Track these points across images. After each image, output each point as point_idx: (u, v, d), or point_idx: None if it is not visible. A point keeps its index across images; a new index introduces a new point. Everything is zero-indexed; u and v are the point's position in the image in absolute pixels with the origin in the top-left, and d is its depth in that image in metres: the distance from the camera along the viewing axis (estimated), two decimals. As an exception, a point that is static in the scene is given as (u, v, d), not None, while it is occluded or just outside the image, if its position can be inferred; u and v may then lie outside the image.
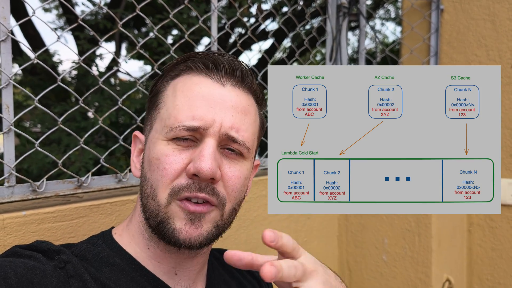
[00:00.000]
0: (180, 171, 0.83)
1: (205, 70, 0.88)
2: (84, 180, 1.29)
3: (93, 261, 0.86)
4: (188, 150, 0.84)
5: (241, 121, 0.87)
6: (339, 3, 2.22)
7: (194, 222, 0.84)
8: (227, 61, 0.89)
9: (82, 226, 1.18)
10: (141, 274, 0.88)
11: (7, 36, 1.11)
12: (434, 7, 2.35)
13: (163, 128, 0.86)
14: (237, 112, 0.87)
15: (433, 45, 2.36)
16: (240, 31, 6.57)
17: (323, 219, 2.11)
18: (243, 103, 0.89)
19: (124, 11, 4.66)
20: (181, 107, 0.85)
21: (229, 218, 0.90)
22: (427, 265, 1.95)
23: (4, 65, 1.11)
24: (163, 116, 0.88)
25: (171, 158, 0.83)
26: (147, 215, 0.87)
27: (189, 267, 0.94)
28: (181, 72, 0.90)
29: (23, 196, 1.16)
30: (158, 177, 0.84)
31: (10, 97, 1.14)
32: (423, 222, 1.96)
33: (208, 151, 0.82)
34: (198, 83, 0.87)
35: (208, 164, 0.80)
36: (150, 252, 0.90)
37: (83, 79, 4.32)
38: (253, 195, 1.71)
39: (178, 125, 0.84)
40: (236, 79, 0.90)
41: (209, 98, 0.85)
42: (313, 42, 2.30)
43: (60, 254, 0.82)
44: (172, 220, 0.84)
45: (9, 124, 1.13)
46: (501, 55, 2.19)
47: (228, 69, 0.89)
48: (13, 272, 0.72)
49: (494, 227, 2.24)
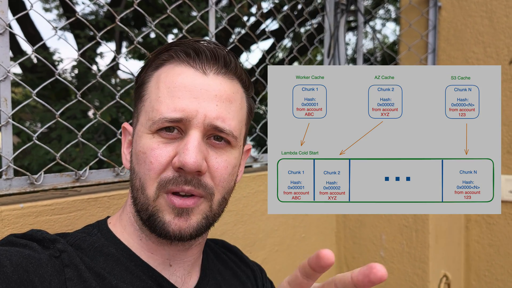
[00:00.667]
0: (166, 164, 0.83)
1: (186, 59, 0.87)
2: (82, 174, 1.29)
3: (88, 250, 0.86)
4: (173, 143, 0.84)
5: (227, 109, 0.87)
6: (337, 0, 2.21)
7: (182, 216, 0.84)
8: (208, 48, 0.87)
9: (79, 219, 1.18)
10: (136, 264, 0.88)
11: (5, 29, 1.11)
12: (432, 4, 2.35)
13: (147, 121, 0.86)
14: (221, 101, 0.86)
15: (431, 42, 2.36)
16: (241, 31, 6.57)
17: (321, 216, 2.11)
18: (227, 91, 0.88)
19: (124, 9, 4.65)
20: (163, 99, 0.84)
21: (218, 208, 0.90)
22: (425, 261, 1.96)
23: (2, 58, 1.12)
24: (147, 109, 0.87)
25: (156, 152, 0.83)
26: (137, 207, 0.87)
27: (183, 258, 0.94)
28: (164, 62, 0.89)
29: (21, 189, 1.16)
30: (145, 170, 0.84)
31: (8, 90, 1.14)
32: (421, 218, 1.97)
33: (193, 144, 0.82)
34: (180, 73, 0.86)
35: (193, 157, 0.80)
36: (143, 243, 0.91)
37: (83, 79, 4.32)
38: (251, 190, 1.72)
39: (159, 117, 0.83)
40: (219, 66, 0.88)
41: (192, 88, 0.84)
42: (312, 40, 2.30)
43: (55, 243, 0.82)
44: (161, 214, 0.84)
45: (7, 117, 1.13)
46: (498, 52, 2.20)
47: (210, 56, 0.87)
48: (8, 260, 0.72)
49: (492, 223, 2.25)
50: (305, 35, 2.21)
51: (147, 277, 0.88)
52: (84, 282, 0.79)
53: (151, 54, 0.93)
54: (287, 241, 1.90)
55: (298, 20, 2.19)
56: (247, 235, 1.71)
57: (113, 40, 5.48)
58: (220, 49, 0.89)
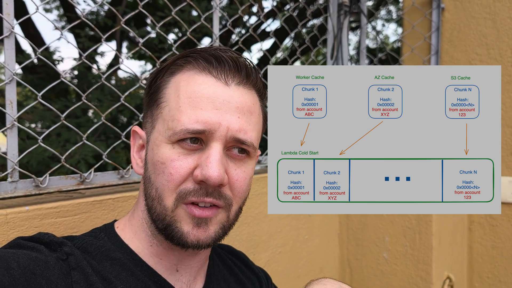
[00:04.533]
0: (187, 176, 0.82)
1: (208, 67, 0.85)
2: (87, 176, 1.29)
3: (94, 254, 0.86)
4: (194, 154, 0.82)
5: (248, 121, 0.85)
6: (340, 2, 2.21)
7: (201, 226, 0.83)
8: (230, 58, 0.85)
9: (84, 222, 1.18)
10: (141, 269, 0.88)
11: (11, 32, 1.12)
12: (435, 5, 2.35)
13: (166, 131, 0.84)
14: (243, 112, 0.84)
15: (434, 43, 2.36)
16: (241, 30, 6.57)
17: (324, 217, 2.11)
18: (248, 102, 0.86)
19: (125, 9, 4.65)
20: (184, 109, 0.82)
21: (235, 217, 0.90)
22: (428, 263, 1.95)
23: (7, 61, 1.12)
24: (165, 117, 0.85)
25: (177, 163, 0.82)
26: (153, 217, 0.86)
27: (191, 263, 0.94)
28: (182, 68, 0.87)
29: (26, 192, 1.16)
30: (163, 181, 0.83)
31: (14, 93, 1.14)
32: (424, 220, 1.96)
33: (215, 157, 0.80)
34: (201, 82, 0.84)
35: (216, 171, 0.79)
36: (153, 249, 0.90)
37: (83, 78, 4.32)
38: (254, 192, 1.72)
39: (181, 128, 0.81)
40: (241, 77, 0.86)
41: (214, 99, 0.82)
42: (314, 41, 2.30)
43: (63, 246, 0.82)
44: (179, 224, 0.83)
45: (12, 119, 1.13)
46: (502, 54, 2.19)
47: (233, 67, 0.85)
48: (16, 263, 0.72)
49: (495, 225, 2.24)
50: (308, 36, 2.21)
51: (152, 283, 0.88)
52: (90, 285, 0.79)
53: (168, 61, 0.91)
54: (290, 243, 1.90)
55: (301, 22, 2.19)
56: (251, 237, 1.71)
57: (113, 39, 5.50)
58: (242, 59, 0.88)
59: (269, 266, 1.76)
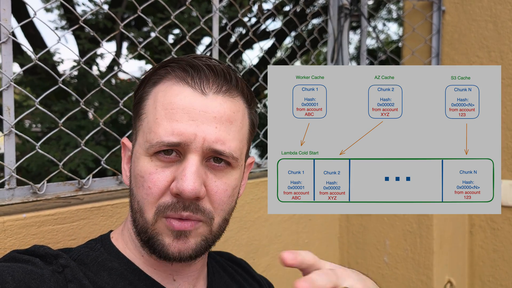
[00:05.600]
0: (165, 189, 0.81)
1: (184, 77, 0.83)
2: (85, 182, 1.29)
3: (91, 265, 0.85)
4: (171, 166, 0.82)
5: (226, 131, 0.83)
6: (340, 4, 2.22)
7: (180, 239, 0.82)
8: (207, 65, 0.84)
9: (83, 228, 1.18)
10: (139, 278, 0.88)
11: (8, 37, 1.12)
12: (435, 8, 2.35)
13: (144, 143, 0.83)
14: (221, 122, 0.83)
15: (434, 46, 2.36)
16: (241, 30, 6.57)
17: (324, 220, 2.11)
18: (227, 111, 0.84)
19: (125, 10, 4.66)
20: (160, 121, 0.81)
21: (219, 229, 0.89)
22: (429, 266, 1.95)
23: (5, 66, 1.12)
24: (144, 129, 0.85)
25: (154, 176, 0.81)
26: (137, 229, 0.86)
27: (187, 273, 0.93)
28: (161, 78, 0.86)
29: (23, 198, 1.16)
30: (143, 195, 0.83)
31: (11, 99, 1.14)
32: (425, 224, 1.96)
33: (190, 169, 0.79)
34: (178, 93, 0.82)
35: (190, 184, 0.78)
36: (145, 259, 0.90)
37: (82, 79, 4.32)
38: (254, 196, 1.71)
39: (157, 140, 0.80)
40: (219, 83, 0.85)
41: (190, 110, 0.81)
42: (314, 42, 2.30)
43: (58, 259, 0.81)
44: (161, 236, 0.83)
45: (9, 126, 1.13)
46: (503, 56, 2.19)
47: (209, 73, 0.84)
48: (10, 276, 0.71)
49: (496, 228, 2.23)
50: (309, 39, 2.21)
51: None
52: None
53: (148, 71, 0.90)
54: (291, 247, 1.89)
55: (301, 24, 2.19)
56: (251, 241, 1.71)
57: (113, 40, 5.50)
58: (219, 65, 0.86)
59: (269, 271, 1.76)
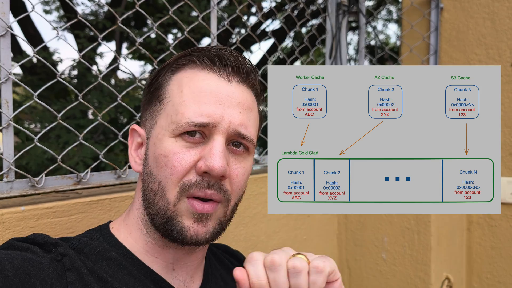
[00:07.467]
0: (190, 168, 0.84)
1: (210, 65, 0.88)
2: (83, 176, 1.29)
3: (90, 254, 0.86)
4: (197, 147, 0.84)
5: (248, 117, 0.88)
6: (338, 1, 2.21)
7: (201, 221, 0.84)
8: (232, 57, 0.89)
9: (81, 222, 1.18)
10: (138, 268, 0.88)
11: (6, 31, 1.11)
12: (433, 5, 2.35)
13: (169, 124, 0.85)
14: (244, 108, 0.87)
15: (432, 43, 2.36)
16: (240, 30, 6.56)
17: (322, 218, 2.11)
18: (248, 99, 0.89)
19: (124, 10, 4.65)
20: (188, 103, 0.85)
21: (231, 213, 0.91)
22: (427, 263, 1.95)
23: (3, 60, 1.11)
24: (169, 112, 0.87)
25: (180, 156, 0.83)
26: (153, 211, 0.87)
27: (187, 262, 0.94)
28: (184, 66, 0.90)
29: (22, 192, 1.16)
30: (167, 174, 0.84)
31: (10, 92, 1.14)
32: (423, 221, 1.96)
33: (219, 148, 0.82)
34: (204, 78, 0.87)
35: (220, 162, 0.81)
36: (148, 248, 0.91)
37: (82, 79, 4.32)
38: (252, 192, 1.71)
39: (185, 121, 0.83)
40: (242, 76, 0.89)
41: (217, 94, 0.85)
42: (313, 40, 2.30)
43: (57, 247, 0.82)
44: (180, 218, 0.84)
45: (8, 119, 1.13)
46: (501, 54, 2.19)
47: (235, 65, 0.88)
48: (10, 264, 0.72)
49: (494, 225, 2.24)
50: (307, 36, 2.21)
51: (149, 281, 0.88)
52: (86, 285, 0.79)
53: (170, 60, 0.94)
54: (289, 243, 1.90)
55: (300, 22, 2.19)
56: (249, 237, 1.71)
57: (113, 40, 5.49)
58: (243, 59, 0.91)
59: (267, 267, 1.76)
